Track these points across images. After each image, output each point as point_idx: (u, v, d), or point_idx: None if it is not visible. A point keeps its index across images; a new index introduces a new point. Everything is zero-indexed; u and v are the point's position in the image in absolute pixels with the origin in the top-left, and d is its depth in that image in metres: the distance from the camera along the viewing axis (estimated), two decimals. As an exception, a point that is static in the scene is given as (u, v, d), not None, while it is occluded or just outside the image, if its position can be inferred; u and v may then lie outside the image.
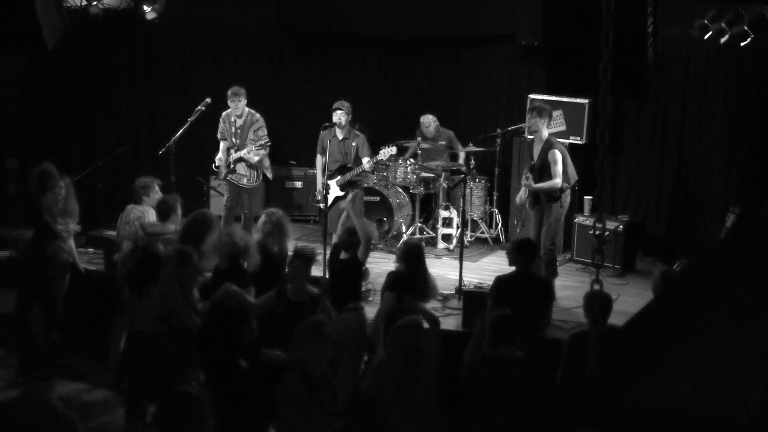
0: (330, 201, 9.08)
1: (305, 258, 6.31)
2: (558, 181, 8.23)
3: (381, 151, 9.01)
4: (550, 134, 8.45)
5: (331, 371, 5.25)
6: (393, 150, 9.12)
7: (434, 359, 5.96)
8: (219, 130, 9.70)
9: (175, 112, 10.62)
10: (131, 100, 11.13)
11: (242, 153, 9.46)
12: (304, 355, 5.08)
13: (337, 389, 6.74)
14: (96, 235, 9.32)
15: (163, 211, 7.58)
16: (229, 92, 9.49)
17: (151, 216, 7.77)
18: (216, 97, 9.74)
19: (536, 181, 8.31)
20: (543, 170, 8.29)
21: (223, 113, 9.66)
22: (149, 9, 10.11)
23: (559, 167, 8.21)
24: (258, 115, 9.62)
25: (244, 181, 9.62)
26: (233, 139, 9.58)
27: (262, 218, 7.19)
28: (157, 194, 7.96)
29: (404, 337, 5.50)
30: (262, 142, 9.49)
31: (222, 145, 9.69)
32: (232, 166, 9.57)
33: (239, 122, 9.57)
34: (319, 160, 9.18)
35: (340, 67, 11.71)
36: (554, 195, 8.29)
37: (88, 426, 6.53)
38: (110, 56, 10.76)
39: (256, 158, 9.53)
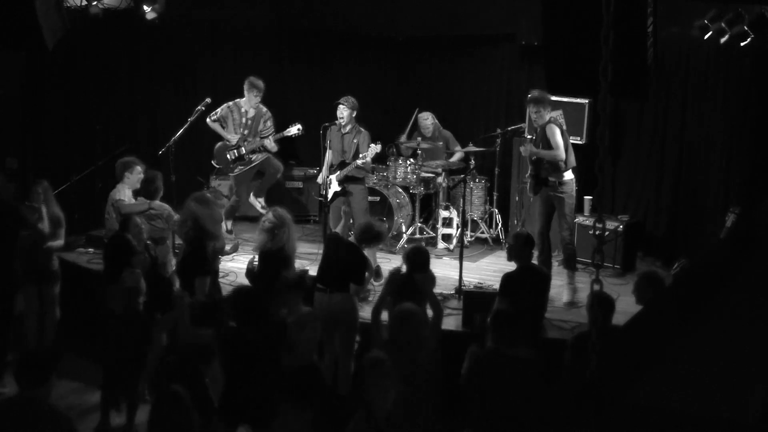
0: (330, 196, 9.12)
1: (293, 289, 6.30)
2: (559, 153, 8.19)
3: (369, 148, 9.01)
4: (551, 117, 8.49)
5: (399, 411, 4.96)
6: (378, 148, 9.09)
7: (437, 354, 5.96)
8: (219, 115, 9.67)
9: (175, 112, 10.61)
10: (131, 100, 11.13)
11: (267, 144, 9.57)
12: (368, 396, 4.85)
13: (338, 373, 6.79)
14: (96, 235, 9.31)
15: (150, 191, 7.75)
16: (252, 84, 9.51)
17: (123, 195, 8.10)
18: (216, 97, 9.73)
19: (537, 160, 8.33)
20: (543, 146, 8.30)
21: (232, 102, 9.67)
22: (149, 9, 10.10)
23: (558, 140, 8.19)
24: (265, 108, 9.69)
25: (237, 170, 9.71)
26: (242, 131, 9.60)
27: (269, 216, 7.21)
28: (138, 174, 8.23)
29: (403, 327, 5.51)
30: (272, 131, 9.60)
31: (222, 131, 9.66)
32: (247, 157, 9.59)
33: (251, 113, 9.61)
34: (327, 155, 9.25)
35: (340, 67, 11.71)
36: (560, 176, 8.26)
37: (84, 426, 6.55)
38: (110, 56, 10.75)
39: (275, 148, 9.71)
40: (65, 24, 6.21)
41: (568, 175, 8.40)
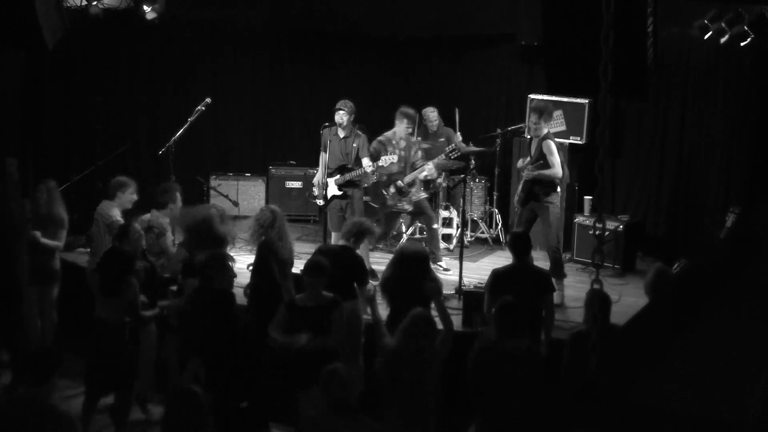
0: (328, 199, 9.10)
1: (316, 271, 6.33)
2: (558, 170, 8.21)
3: (382, 158, 8.96)
4: (548, 131, 8.47)
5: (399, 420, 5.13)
6: (394, 158, 9.06)
7: (440, 361, 5.96)
8: (371, 150, 9.25)
9: (175, 112, 10.61)
10: (131, 100, 11.13)
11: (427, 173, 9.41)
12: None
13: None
14: (96, 235, 9.31)
15: (160, 203, 7.69)
16: (404, 114, 9.27)
17: (113, 213, 7.94)
18: (216, 97, 9.71)
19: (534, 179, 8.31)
20: (540, 161, 8.29)
21: (381, 136, 9.39)
22: (149, 9, 10.10)
23: (556, 157, 8.22)
24: (414, 138, 9.55)
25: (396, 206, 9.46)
26: (399, 163, 9.28)
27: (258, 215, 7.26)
28: (131, 195, 8.07)
29: (414, 330, 5.50)
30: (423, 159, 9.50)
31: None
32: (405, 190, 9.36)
33: (402, 144, 9.33)
34: (321, 156, 9.19)
35: (340, 67, 11.70)
36: (553, 189, 8.27)
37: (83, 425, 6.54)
38: (110, 56, 10.75)
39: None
40: (65, 24, 6.21)
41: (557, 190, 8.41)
